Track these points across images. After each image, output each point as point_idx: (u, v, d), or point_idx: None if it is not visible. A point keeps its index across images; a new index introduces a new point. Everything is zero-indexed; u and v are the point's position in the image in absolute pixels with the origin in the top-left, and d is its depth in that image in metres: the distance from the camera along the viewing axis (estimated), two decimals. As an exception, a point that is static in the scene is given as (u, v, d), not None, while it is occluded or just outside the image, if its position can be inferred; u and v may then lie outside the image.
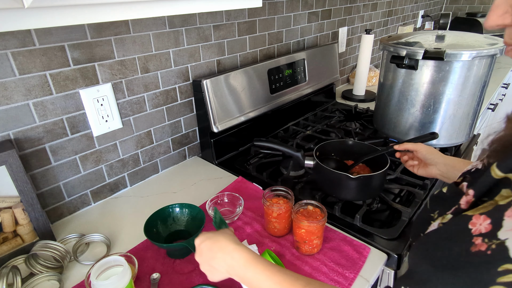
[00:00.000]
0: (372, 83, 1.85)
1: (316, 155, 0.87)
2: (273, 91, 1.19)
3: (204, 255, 0.51)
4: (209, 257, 0.51)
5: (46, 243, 0.68)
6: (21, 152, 0.73)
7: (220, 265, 0.49)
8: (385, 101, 1.13)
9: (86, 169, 0.85)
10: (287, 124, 1.33)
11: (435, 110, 1.01)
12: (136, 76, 0.88)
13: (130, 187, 0.97)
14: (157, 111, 0.96)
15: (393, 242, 0.73)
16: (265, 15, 1.18)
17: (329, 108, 1.53)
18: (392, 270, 0.73)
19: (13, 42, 0.66)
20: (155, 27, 0.88)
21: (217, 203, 0.85)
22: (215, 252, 0.50)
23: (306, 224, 0.66)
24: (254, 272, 0.46)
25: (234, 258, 0.48)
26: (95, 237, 0.76)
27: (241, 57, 1.16)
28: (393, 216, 0.82)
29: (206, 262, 0.51)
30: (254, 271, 0.46)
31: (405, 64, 0.98)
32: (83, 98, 0.79)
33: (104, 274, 0.54)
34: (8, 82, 0.67)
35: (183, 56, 0.97)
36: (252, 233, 0.77)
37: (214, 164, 1.08)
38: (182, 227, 0.76)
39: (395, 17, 2.16)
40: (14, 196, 0.67)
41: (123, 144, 0.91)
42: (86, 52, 0.77)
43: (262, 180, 0.97)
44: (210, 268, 0.51)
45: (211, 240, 0.51)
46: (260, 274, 0.46)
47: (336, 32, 1.63)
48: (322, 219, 0.67)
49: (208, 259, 0.51)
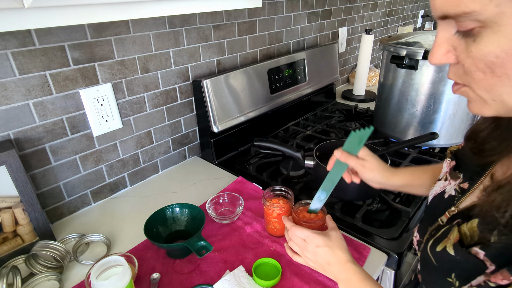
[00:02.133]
0: (372, 83, 1.85)
1: (316, 155, 0.87)
2: (273, 91, 1.19)
3: (319, 258, 0.58)
4: (325, 261, 0.57)
5: (46, 243, 0.68)
6: (21, 152, 0.73)
7: (330, 272, 0.57)
8: (385, 101, 1.13)
9: (86, 169, 0.85)
10: (287, 124, 1.33)
11: (435, 110, 1.01)
12: (136, 76, 0.88)
13: (130, 187, 0.97)
14: (157, 111, 0.96)
15: (393, 242, 0.73)
16: (265, 15, 1.18)
17: (329, 108, 1.53)
18: (392, 270, 0.73)
19: (13, 42, 0.66)
20: (155, 27, 0.88)
21: (217, 203, 0.85)
22: (331, 261, 0.57)
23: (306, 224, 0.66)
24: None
25: (348, 274, 0.55)
26: (95, 237, 0.76)
27: (241, 57, 1.16)
28: (393, 216, 0.82)
29: (316, 262, 0.59)
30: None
31: (405, 64, 0.98)
32: (83, 98, 0.79)
33: (104, 274, 0.54)
34: (8, 82, 0.67)
35: (183, 56, 0.97)
36: (252, 233, 0.77)
37: (214, 164, 1.08)
38: (182, 227, 0.76)
39: (395, 17, 2.17)
40: (14, 196, 0.67)
41: (123, 144, 0.91)
42: (86, 52, 0.77)
43: (262, 180, 0.97)
44: (316, 266, 0.59)
45: (329, 249, 0.57)
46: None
47: (336, 32, 1.63)
48: (322, 218, 0.67)
49: (323, 263, 0.58)
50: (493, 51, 0.29)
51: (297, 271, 0.66)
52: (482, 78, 0.31)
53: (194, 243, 0.66)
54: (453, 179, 0.49)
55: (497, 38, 0.28)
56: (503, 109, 0.33)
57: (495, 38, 0.29)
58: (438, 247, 0.41)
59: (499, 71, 0.30)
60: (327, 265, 0.57)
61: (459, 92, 0.36)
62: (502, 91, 0.31)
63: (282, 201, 0.74)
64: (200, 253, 0.64)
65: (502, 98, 0.31)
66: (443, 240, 0.41)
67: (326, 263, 0.57)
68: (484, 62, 0.30)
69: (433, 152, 1.09)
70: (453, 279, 0.39)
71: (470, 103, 0.36)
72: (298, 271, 0.66)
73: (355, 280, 0.53)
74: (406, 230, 0.76)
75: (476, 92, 0.33)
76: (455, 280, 0.39)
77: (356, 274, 0.54)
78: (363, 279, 0.53)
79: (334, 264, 0.56)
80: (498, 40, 0.28)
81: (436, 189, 0.52)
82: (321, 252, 0.57)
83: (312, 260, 0.60)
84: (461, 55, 0.32)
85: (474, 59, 0.31)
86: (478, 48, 0.30)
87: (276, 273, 0.65)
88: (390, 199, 0.84)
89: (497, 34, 0.28)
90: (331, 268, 0.57)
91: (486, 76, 0.31)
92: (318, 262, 0.58)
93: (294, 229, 0.62)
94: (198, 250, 0.65)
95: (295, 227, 0.62)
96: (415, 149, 1.08)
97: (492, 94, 0.32)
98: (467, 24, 0.30)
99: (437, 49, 0.34)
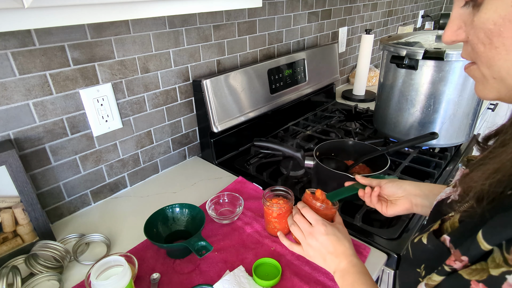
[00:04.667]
0: (372, 83, 1.85)
1: (316, 155, 0.87)
2: (273, 91, 1.19)
3: (324, 245, 0.57)
4: (328, 250, 0.57)
5: (46, 243, 0.68)
6: (21, 152, 0.73)
7: (332, 261, 0.56)
8: (385, 101, 1.13)
9: (86, 169, 0.85)
10: (287, 124, 1.33)
11: (435, 110, 1.01)
12: (136, 76, 0.88)
13: (130, 187, 0.97)
14: (157, 111, 0.96)
15: (393, 242, 0.73)
16: (265, 15, 1.18)
17: (329, 108, 1.53)
18: (392, 270, 0.73)
19: (13, 42, 0.66)
20: (155, 27, 0.88)
21: (217, 203, 0.85)
22: (335, 250, 0.56)
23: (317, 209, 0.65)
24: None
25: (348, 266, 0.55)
26: (95, 237, 0.76)
27: (241, 57, 1.16)
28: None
29: (319, 250, 0.58)
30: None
31: (405, 64, 0.98)
32: (83, 98, 0.79)
33: (104, 274, 0.54)
34: (8, 82, 0.67)
35: (183, 56, 0.97)
36: (252, 233, 0.77)
37: (214, 164, 1.08)
38: (182, 227, 0.76)
39: (395, 17, 2.17)
40: (14, 196, 0.67)
41: (123, 144, 0.91)
42: (86, 52, 0.77)
43: (262, 180, 0.97)
44: (317, 253, 0.58)
45: (337, 238, 0.57)
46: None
47: (336, 32, 1.63)
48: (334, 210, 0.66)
49: (326, 251, 0.57)
50: (491, 17, 0.29)
51: (297, 271, 0.66)
52: (483, 51, 0.32)
53: (194, 243, 0.66)
54: None
55: (495, 3, 0.29)
56: (504, 89, 0.33)
57: (494, 3, 0.29)
58: (416, 239, 0.41)
59: (497, 41, 0.30)
60: (329, 254, 0.56)
61: (467, 70, 0.36)
62: (500, 66, 0.31)
63: (282, 201, 0.74)
64: (200, 253, 0.64)
65: (501, 74, 0.31)
66: (423, 233, 0.41)
67: (329, 252, 0.56)
68: (483, 31, 0.30)
69: (433, 152, 1.09)
70: (421, 269, 0.39)
71: (476, 84, 0.36)
72: (298, 271, 0.66)
73: (353, 272, 0.54)
74: (406, 230, 0.76)
75: (480, 69, 0.33)
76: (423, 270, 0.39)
77: (356, 266, 0.54)
78: (359, 272, 0.53)
79: (338, 254, 0.56)
80: (496, 5, 0.29)
81: (442, 195, 0.51)
82: (327, 240, 0.57)
83: (314, 247, 0.58)
84: (468, 29, 0.33)
85: (476, 29, 0.31)
86: (479, 17, 0.30)
87: (276, 273, 0.65)
88: (390, 199, 0.84)
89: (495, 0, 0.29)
90: (333, 258, 0.56)
91: (485, 49, 0.31)
92: (321, 250, 0.57)
93: (305, 210, 0.61)
94: (198, 250, 0.65)
95: (307, 209, 0.61)
96: (415, 149, 1.08)
97: (492, 70, 0.32)
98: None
99: (449, 25, 0.34)
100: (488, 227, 0.31)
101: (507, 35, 0.29)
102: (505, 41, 0.29)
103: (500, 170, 0.31)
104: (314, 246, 0.58)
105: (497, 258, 0.29)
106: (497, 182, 0.31)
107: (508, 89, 0.32)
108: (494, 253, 0.30)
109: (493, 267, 0.29)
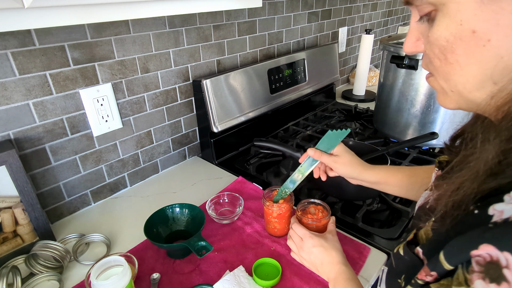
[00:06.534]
0: (372, 83, 1.85)
1: (316, 155, 0.87)
2: (273, 91, 1.19)
3: (313, 257, 0.61)
4: (318, 261, 0.60)
5: (46, 243, 0.68)
6: (21, 152, 0.73)
7: (323, 271, 0.60)
8: (385, 101, 1.13)
9: (86, 169, 0.85)
10: (287, 124, 1.33)
11: (435, 110, 1.01)
12: (136, 76, 0.88)
13: (130, 187, 0.97)
14: (157, 111, 0.96)
15: (393, 242, 0.73)
16: (265, 15, 1.18)
17: (329, 108, 1.53)
18: (392, 270, 0.73)
19: (13, 42, 0.66)
20: (155, 27, 0.88)
21: (217, 203, 0.85)
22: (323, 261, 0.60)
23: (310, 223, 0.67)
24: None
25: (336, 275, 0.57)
26: (95, 237, 0.76)
27: (241, 57, 1.16)
28: (393, 216, 0.82)
29: (311, 261, 0.62)
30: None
31: (405, 64, 0.98)
32: (83, 98, 0.79)
33: (104, 274, 0.54)
34: (8, 82, 0.67)
35: (183, 56, 0.97)
36: (252, 233, 0.77)
37: (214, 164, 1.08)
38: (182, 227, 0.76)
39: (395, 17, 2.16)
40: (14, 196, 0.67)
41: (123, 144, 0.91)
42: (86, 52, 0.77)
43: (262, 180, 0.97)
44: (310, 265, 0.63)
45: (323, 249, 0.60)
46: None
47: (336, 32, 1.63)
48: (326, 219, 0.67)
49: (317, 263, 0.61)
50: (443, 34, 0.29)
51: (297, 271, 0.66)
52: (439, 66, 0.31)
53: (194, 243, 0.66)
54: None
55: (446, 20, 0.28)
56: (463, 101, 0.32)
57: (444, 21, 0.29)
58: (395, 248, 0.41)
59: (450, 57, 0.29)
60: (320, 265, 0.60)
61: (428, 81, 0.36)
62: (456, 80, 0.31)
63: (282, 201, 0.74)
64: (200, 253, 0.64)
65: (458, 88, 0.31)
66: (402, 243, 0.41)
67: (320, 263, 0.60)
68: (438, 47, 0.30)
69: (433, 152, 1.09)
70: (401, 280, 0.39)
71: (438, 94, 0.36)
72: (298, 271, 0.66)
73: (341, 279, 0.56)
74: (406, 230, 0.76)
75: (438, 81, 0.33)
76: (403, 281, 0.38)
77: (343, 273, 0.56)
78: (348, 279, 0.55)
79: (326, 264, 0.59)
80: (447, 22, 0.28)
81: (421, 200, 0.51)
82: (316, 252, 0.60)
83: (306, 260, 0.63)
84: (425, 42, 0.33)
85: (431, 45, 0.31)
86: (432, 32, 0.30)
87: (276, 273, 0.65)
88: (390, 199, 0.84)
89: (446, 17, 0.28)
90: (324, 268, 0.59)
91: (441, 64, 0.31)
92: (312, 261, 0.61)
93: (295, 225, 0.65)
94: (198, 250, 0.65)
95: (296, 224, 0.65)
96: (415, 149, 1.08)
97: (449, 84, 0.32)
98: (423, 8, 0.30)
99: (408, 36, 0.34)
100: (447, 248, 0.30)
101: (459, 52, 0.29)
102: (458, 57, 0.29)
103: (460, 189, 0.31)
104: (306, 259, 0.63)
105: (460, 277, 0.29)
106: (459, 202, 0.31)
107: (466, 102, 0.32)
108: (458, 269, 0.29)
109: (456, 285, 0.29)
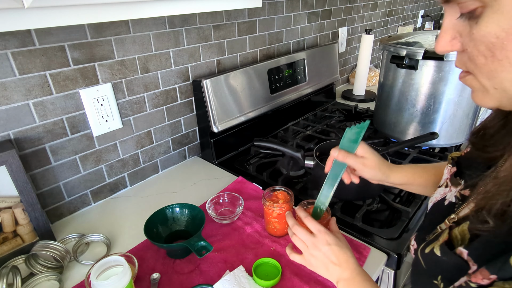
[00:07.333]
0: (372, 83, 1.85)
1: (316, 155, 0.87)
2: (273, 91, 1.19)
3: (327, 255, 0.56)
4: (331, 260, 0.56)
5: (46, 243, 0.68)
6: (21, 152, 0.73)
7: (335, 271, 0.55)
8: (385, 101, 1.13)
9: (86, 169, 0.85)
10: (287, 124, 1.33)
11: (435, 110, 1.01)
12: (136, 76, 0.88)
13: (130, 187, 0.97)
14: (157, 111, 0.96)
15: (393, 242, 0.73)
16: (265, 15, 1.18)
17: (329, 108, 1.53)
18: (392, 270, 0.73)
19: (13, 42, 0.66)
20: (155, 27, 0.88)
21: (217, 203, 0.85)
22: (338, 260, 0.55)
23: None
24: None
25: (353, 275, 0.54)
26: (95, 237, 0.76)
27: (241, 57, 1.16)
28: (393, 216, 0.82)
29: (322, 260, 0.57)
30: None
31: (405, 64, 0.98)
32: (83, 98, 0.79)
33: (104, 274, 0.54)
34: (8, 82, 0.67)
35: (183, 56, 0.97)
36: (252, 233, 0.77)
37: (214, 164, 1.08)
38: (182, 227, 0.76)
39: (395, 17, 2.16)
40: (14, 196, 0.67)
41: (123, 144, 0.91)
42: (86, 52, 0.77)
43: (262, 180, 0.97)
44: (319, 263, 0.57)
45: (339, 248, 0.56)
46: None
47: (336, 32, 1.63)
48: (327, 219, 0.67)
49: (329, 261, 0.56)
50: (493, 31, 0.28)
51: (297, 271, 0.66)
52: (484, 64, 0.31)
53: (194, 243, 0.66)
54: (454, 186, 0.48)
55: (497, 17, 0.28)
56: (505, 98, 0.32)
57: (495, 17, 0.28)
58: (427, 249, 0.41)
59: (500, 54, 0.29)
60: (332, 264, 0.56)
61: (463, 80, 0.36)
62: (503, 77, 0.30)
63: (282, 201, 0.74)
64: (200, 253, 0.64)
65: (504, 85, 0.31)
66: (433, 242, 0.41)
67: (332, 262, 0.56)
68: (485, 44, 0.30)
69: (433, 152, 1.09)
70: (438, 281, 0.38)
71: (474, 92, 0.35)
72: (298, 271, 0.66)
73: (359, 280, 0.53)
74: (406, 230, 0.76)
75: (479, 79, 0.33)
76: (440, 282, 0.38)
77: (360, 274, 0.54)
78: (365, 281, 0.53)
79: (341, 264, 0.55)
80: (498, 19, 0.28)
81: (436, 196, 0.50)
82: (330, 250, 0.56)
83: (317, 257, 0.57)
84: (465, 40, 0.32)
85: (476, 42, 0.30)
86: (479, 29, 0.29)
87: (276, 273, 0.65)
88: (390, 199, 0.84)
89: (497, 13, 0.28)
90: (336, 268, 0.55)
91: (487, 61, 0.30)
92: (324, 260, 0.56)
93: (308, 219, 0.59)
94: (198, 250, 0.65)
95: (309, 219, 0.59)
96: (415, 149, 1.08)
97: (493, 81, 0.31)
98: (469, 5, 0.30)
99: (443, 36, 0.34)
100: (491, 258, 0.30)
101: (510, 48, 0.28)
102: (509, 53, 0.28)
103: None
104: (317, 256, 0.57)
105: None
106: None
107: (509, 99, 0.32)
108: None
109: None
